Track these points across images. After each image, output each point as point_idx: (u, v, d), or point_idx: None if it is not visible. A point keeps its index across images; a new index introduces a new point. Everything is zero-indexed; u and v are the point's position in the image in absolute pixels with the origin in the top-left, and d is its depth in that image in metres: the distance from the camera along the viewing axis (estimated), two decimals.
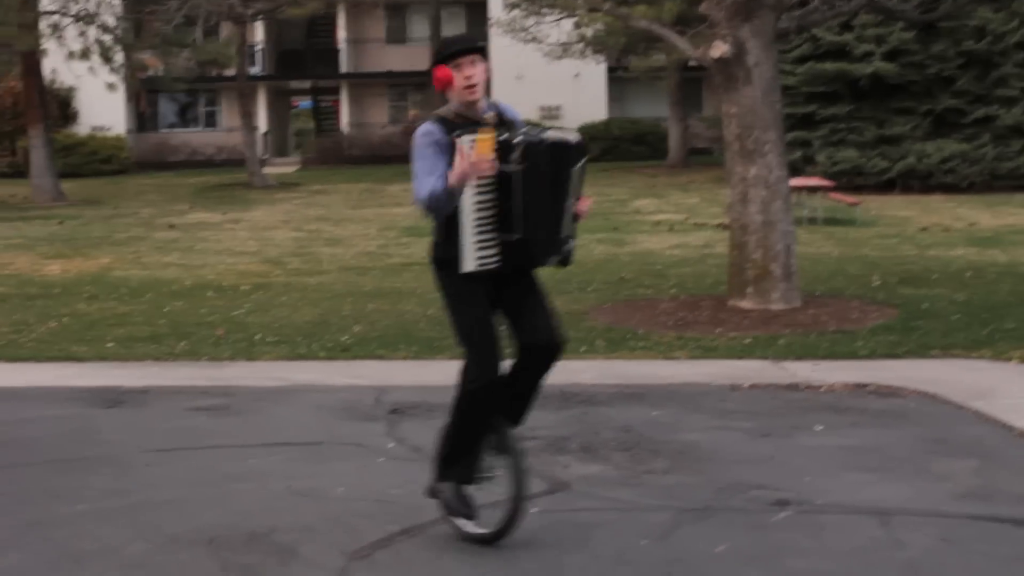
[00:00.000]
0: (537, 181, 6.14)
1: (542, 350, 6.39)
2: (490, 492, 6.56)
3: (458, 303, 6.31)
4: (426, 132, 6.21)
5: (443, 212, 6.13)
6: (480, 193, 6.10)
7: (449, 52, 6.25)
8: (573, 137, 6.39)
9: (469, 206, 6.10)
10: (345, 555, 6.43)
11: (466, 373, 6.30)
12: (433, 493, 6.56)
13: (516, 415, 6.53)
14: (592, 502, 7.38)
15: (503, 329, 6.39)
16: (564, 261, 6.47)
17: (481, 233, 6.12)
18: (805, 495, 7.41)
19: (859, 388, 10.74)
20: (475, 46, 6.28)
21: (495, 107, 6.41)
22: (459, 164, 5.93)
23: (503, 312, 6.40)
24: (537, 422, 9.38)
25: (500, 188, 6.11)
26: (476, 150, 5.95)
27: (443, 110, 6.35)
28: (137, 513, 7.21)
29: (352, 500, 7.40)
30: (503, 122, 6.33)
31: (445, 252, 6.24)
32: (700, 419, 9.65)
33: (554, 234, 6.32)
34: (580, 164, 6.37)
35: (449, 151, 6.10)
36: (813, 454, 8.49)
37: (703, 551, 6.45)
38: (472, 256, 6.12)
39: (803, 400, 10.34)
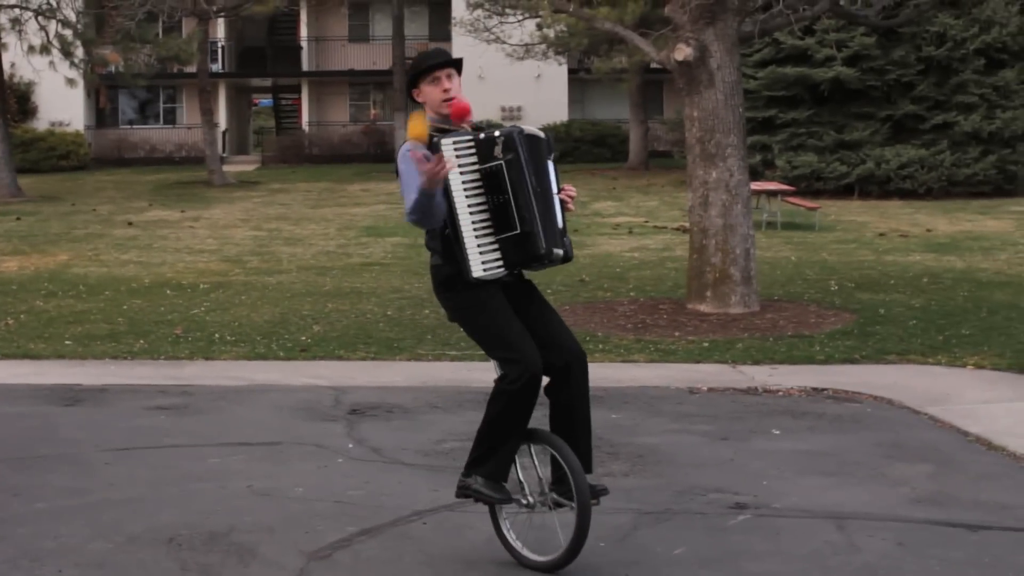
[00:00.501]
0: (521, 171, 6.10)
1: (572, 361, 6.22)
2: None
3: (478, 313, 6.17)
4: (410, 148, 6.10)
5: (430, 218, 6.00)
6: (470, 196, 6.06)
7: (427, 66, 6.24)
8: (540, 131, 6.37)
9: (463, 211, 6.04)
10: (304, 555, 6.43)
11: (505, 376, 6.09)
12: (463, 490, 6.32)
13: (584, 453, 6.23)
14: None
15: None
16: (566, 256, 6.29)
17: (481, 237, 6.07)
18: (763, 499, 7.47)
19: (816, 393, 10.82)
20: (452, 60, 6.28)
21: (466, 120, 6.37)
22: (423, 166, 5.85)
23: None
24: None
25: (489, 186, 6.08)
26: (409, 130, 6.01)
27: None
28: (96, 512, 7.20)
29: (311, 500, 7.41)
30: (477, 128, 6.30)
31: (450, 270, 6.14)
32: (659, 422, 9.70)
33: (551, 224, 6.23)
34: (553, 156, 6.37)
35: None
36: (771, 458, 8.54)
37: (661, 553, 6.49)
38: (477, 261, 6.04)
39: (761, 404, 10.40)
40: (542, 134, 6.34)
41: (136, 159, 52.38)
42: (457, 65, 6.30)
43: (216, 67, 52.07)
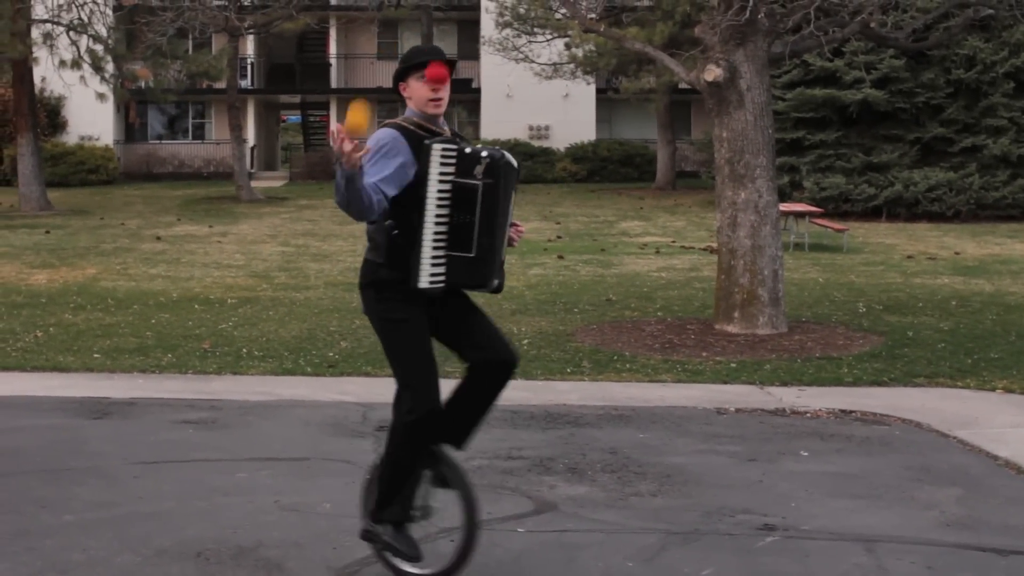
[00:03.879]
0: (495, 199, 5.94)
1: (499, 366, 6.14)
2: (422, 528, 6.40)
3: (398, 329, 6.03)
4: (386, 138, 5.90)
5: (358, 207, 5.65)
6: (440, 207, 5.88)
7: (419, 61, 6.06)
8: (513, 159, 6.14)
9: (430, 221, 5.86)
10: (332, 571, 6.44)
11: (403, 404, 6.05)
12: (369, 537, 6.23)
13: (461, 437, 6.25)
14: (578, 523, 7.38)
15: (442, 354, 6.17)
16: (499, 287, 6.17)
17: (436, 249, 5.89)
18: (791, 520, 7.44)
19: (844, 415, 10.78)
20: (445, 59, 6.07)
21: (444, 123, 6.20)
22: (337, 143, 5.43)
23: (442, 336, 6.17)
24: (523, 442, 9.43)
25: (459, 203, 5.90)
26: (348, 118, 5.52)
27: (401, 119, 6.08)
28: (124, 525, 7.21)
29: (339, 517, 7.40)
30: (456, 136, 6.14)
31: (388, 274, 5.98)
32: (686, 442, 9.67)
33: (499, 256, 6.09)
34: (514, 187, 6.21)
35: (399, 161, 5.83)
36: (799, 479, 8.51)
37: (689, 574, 6.47)
38: (427, 273, 5.87)
39: (789, 425, 10.36)
40: (515, 163, 6.10)
41: (165, 174, 52.61)
42: (450, 65, 6.08)
43: (245, 83, 52.31)
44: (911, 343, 14.49)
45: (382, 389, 11.74)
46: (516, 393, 11.55)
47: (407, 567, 6.26)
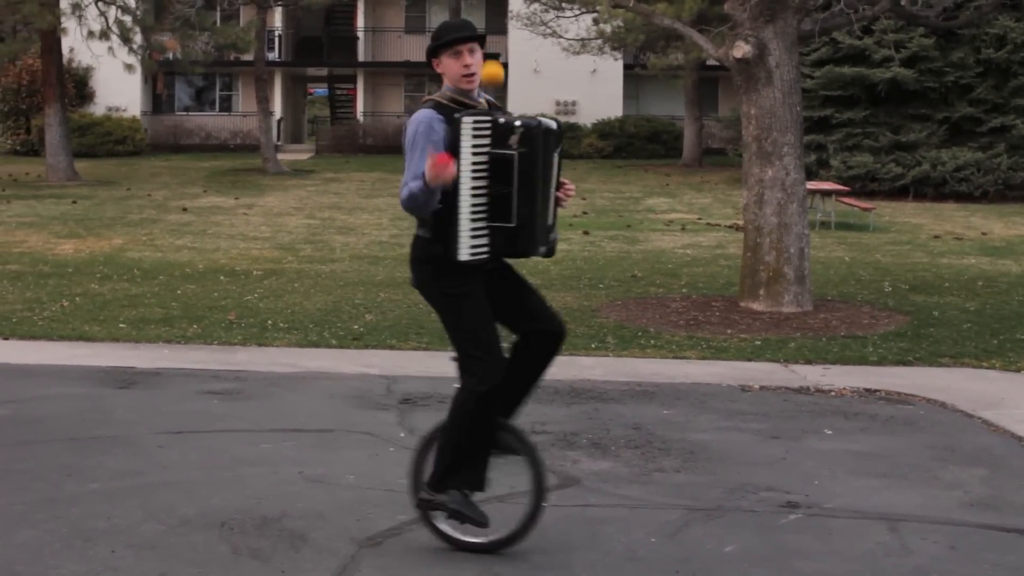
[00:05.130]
0: (533, 167, 6.01)
1: (549, 336, 6.27)
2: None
3: (461, 303, 6.08)
4: (425, 120, 6.00)
5: (425, 210, 5.92)
6: (476, 179, 5.95)
7: (450, 39, 6.11)
8: (554, 122, 6.23)
9: (465, 193, 5.93)
10: (355, 542, 6.45)
11: (474, 375, 6.06)
12: (428, 505, 6.27)
13: (509, 409, 6.34)
14: (602, 498, 7.39)
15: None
16: (549, 251, 6.28)
17: (476, 221, 5.96)
18: (815, 498, 7.44)
19: (869, 394, 10.76)
20: (475, 34, 6.13)
21: (483, 95, 6.28)
22: (439, 167, 5.67)
23: (493, 310, 6.20)
24: (547, 417, 9.44)
25: (496, 173, 5.97)
26: (486, 69, 6.03)
27: (438, 95, 6.18)
28: (149, 494, 7.24)
29: (363, 488, 7.42)
30: (493, 108, 6.25)
31: (440, 249, 6.02)
32: (710, 419, 9.67)
33: (543, 222, 6.18)
34: (559, 149, 6.28)
35: (443, 142, 5.93)
36: (823, 458, 8.50)
37: (712, 551, 6.47)
38: (467, 245, 5.94)
39: (813, 404, 10.35)
40: (555, 125, 6.20)
41: (191, 145, 52.72)
42: (480, 40, 6.16)
43: (273, 56, 52.33)
44: (937, 323, 14.45)
45: (406, 362, 11.80)
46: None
47: (467, 537, 6.32)
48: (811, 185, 25.27)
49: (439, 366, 11.52)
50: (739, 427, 9.43)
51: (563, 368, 11.52)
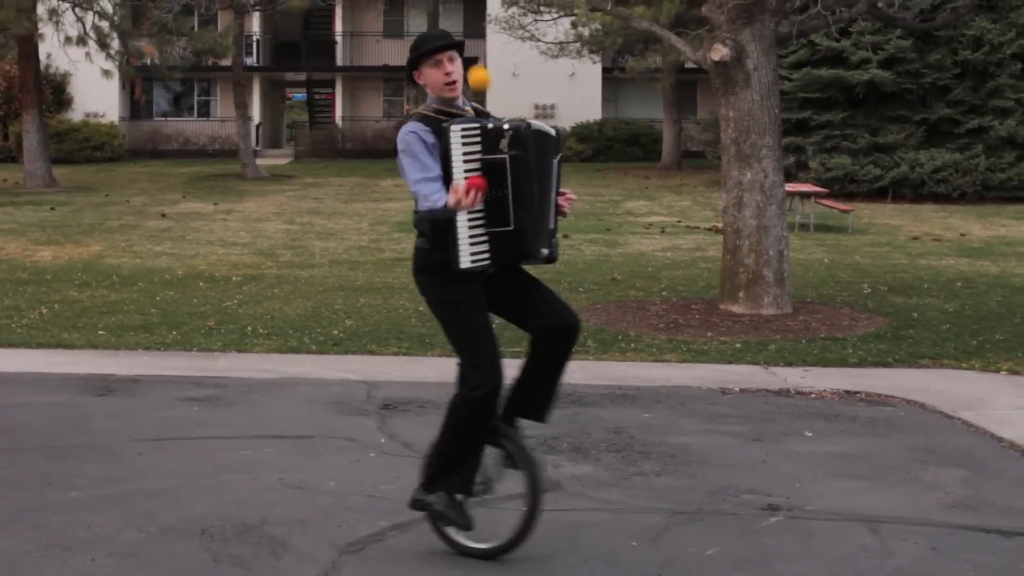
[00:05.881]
0: (526, 169, 6.01)
1: (563, 331, 6.25)
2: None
3: (458, 310, 6.12)
4: (413, 131, 6.04)
5: (435, 224, 5.98)
6: None
7: (429, 48, 6.13)
8: (551, 128, 6.29)
9: None
10: (337, 548, 6.44)
11: (470, 381, 6.10)
12: (418, 506, 6.36)
13: (541, 411, 6.38)
14: (583, 502, 7.39)
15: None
16: (551, 256, 6.26)
17: (472, 228, 5.97)
18: (795, 501, 7.45)
19: (849, 395, 10.78)
20: (454, 42, 6.17)
21: (469, 103, 6.31)
22: (459, 196, 5.73)
23: (502, 311, 6.27)
24: (527, 421, 9.40)
25: (490, 179, 5.95)
26: (472, 75, 6.03)
27: (423, 108, 6.21)
28: (129, 502, 7.22)
29: (344, 494, 7.41)
30: (480, 115, 6.25)
31: (439, 257, 6.05)
32: (691, 422, 9.67)
33: (544, 224, 6.18)
34: (559, 157, 6.32)
35: (438, 148, 5.98)
36: (803, 460, 8.51)
37: (693, 554, 6.47)
38: (467, 253, 5.96)
39: (793, 406, 10.36)
40: (552, 131, 6.26)
41: (170, 151, 52.61)
42: (459, 47, 6.20)
43: (251, 61, 52.32)
44: (916, 324, 14.48)
45: (386, 367, 11.79)
46: None
47: (459, 537, 6.37)
48: (790, 187, 25.29)
49: (420, 371, 11.54)
50: (720, 430, 9.43)
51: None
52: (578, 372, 11.55)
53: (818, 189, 29.08)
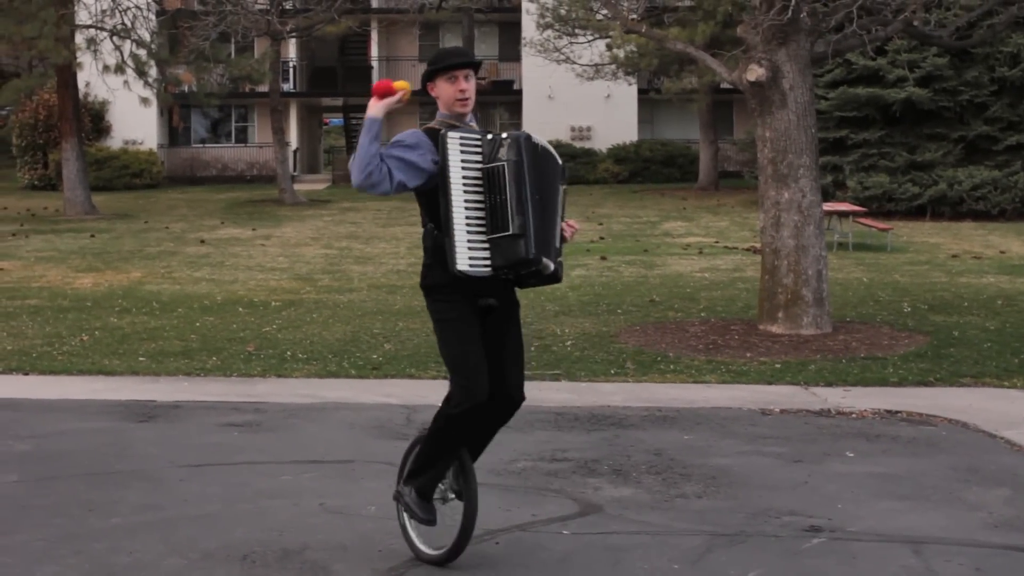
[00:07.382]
0: (523, 175, 6.12)
1: (505, 400, 6.38)
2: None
3: (448, 326, 6.26)
4: (413, 131, 6.31)
5: (359, 162, 6.21)
6: (468, 192, 6.11)
7: (446, 64, 6.29)
8: (554, 152, 6.43)
9: (458, 206, 6.09)
10: (378, 573, 6.45)
11: (451, 397, 6.28)
12: (397, 497, 6.67)
13: (474, 453, 6.60)
14: (624, 525, 7.37)
15: None
16: (556, 275, 6.33)
17: (472, 233, 6.09)
18: (838, 522, 7.40)
19: (890, 415, 10.72)
20: (472, 61, 6.33)
21: (473, 119, 6.44)
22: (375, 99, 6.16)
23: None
24: (567, 444, 9.43)
25: (489, 185, 6.11)
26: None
27: (433, 123, 6.36)
28: (171, 528, 7.24)
29: (384, 519, 7.39)
30: (486, 131, 6.34)
31: (439, 275, 6.21)
32: (731, 444, 9.64)
33: (546, 236, 6.24)
34: (564, 186, 6.47)
35: (431, 153, 6.19)
36: (845, 481, 8.47)
37: None
38: (464, 255, 6.05)
39: (834, 426, 10.32)
40: (555, 154, 6.41)
41: (208, 177, 52.81)
42: (476, 66, 6.37)
43: (287, 86, 52.48)
44: (957, 343, 14.40)
45: (426, 391, 11.78)
46: (560, 395, 11.57)
47: (415, 536, 6.66)
48: (828, 206, 25.24)
49: None
50: (760, 451, 9.40)
51: (583, 394, 11.55)
52: (618, 394, 11.57)
53: (856, 208, 28.97)
